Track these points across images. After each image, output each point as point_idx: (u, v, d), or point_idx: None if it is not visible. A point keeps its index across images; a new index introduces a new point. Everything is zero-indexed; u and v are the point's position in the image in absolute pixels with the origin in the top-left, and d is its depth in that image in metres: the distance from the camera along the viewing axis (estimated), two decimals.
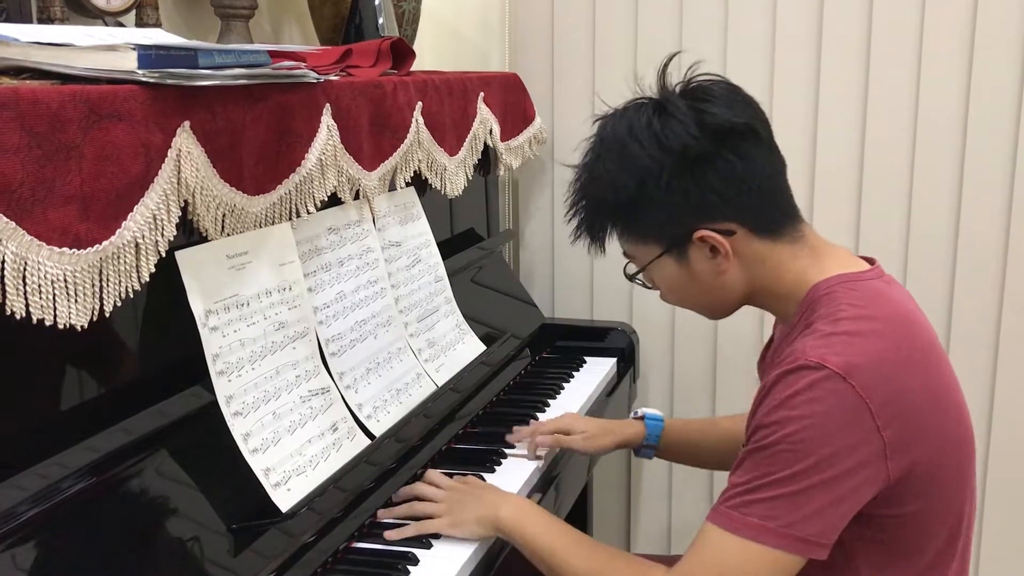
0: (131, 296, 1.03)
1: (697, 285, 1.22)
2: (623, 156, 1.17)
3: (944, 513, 1.14)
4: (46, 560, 0.98)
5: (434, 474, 1.44)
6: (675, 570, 1.12)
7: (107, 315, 1.00)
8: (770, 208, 1.19)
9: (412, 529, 1.32)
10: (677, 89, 1.19)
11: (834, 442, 1.05)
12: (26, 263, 0.89)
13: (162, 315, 1.18)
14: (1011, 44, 1.96)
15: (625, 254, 1.28)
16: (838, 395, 1.05)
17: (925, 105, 2.04)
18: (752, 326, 2.28)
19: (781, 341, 1.23)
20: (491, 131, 2.04)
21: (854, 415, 1.05)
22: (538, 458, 1.58)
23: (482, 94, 2.00)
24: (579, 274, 2.44)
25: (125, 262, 1.01)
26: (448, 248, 1.90)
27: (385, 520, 1.35)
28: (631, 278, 1.28)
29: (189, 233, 1.18)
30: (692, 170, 1.14)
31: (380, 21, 1.88)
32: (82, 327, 0.96)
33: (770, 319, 2.21)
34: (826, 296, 1.15)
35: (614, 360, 2.14)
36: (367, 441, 1.42)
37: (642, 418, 1.64)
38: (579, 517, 2.23)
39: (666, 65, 1.21)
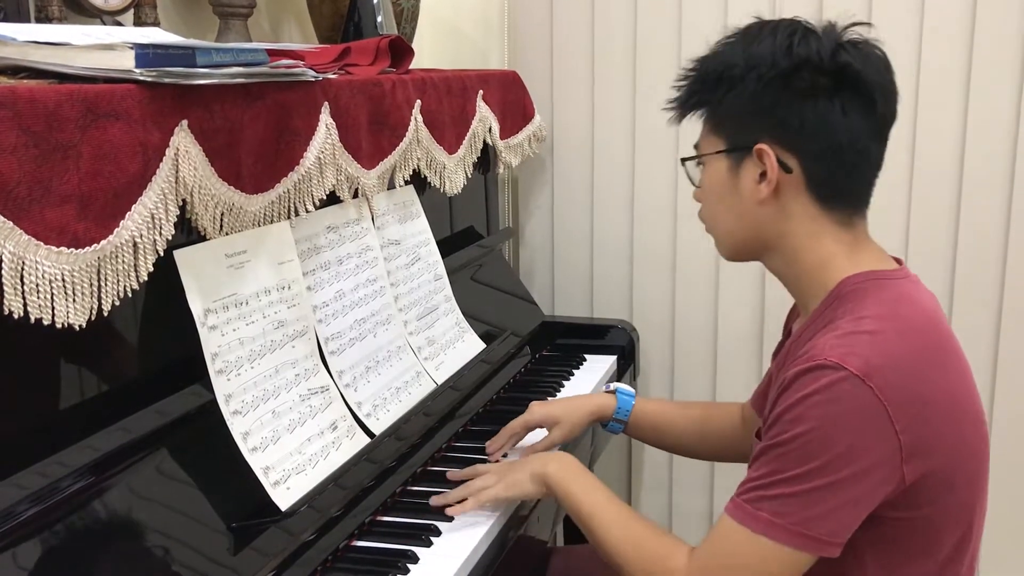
0: (129, 295, 1.03)
1: (732, 201, 1.20)
2: (751, 43, 1.16)
3: (955, 519, 1.14)
4: (45, 559, 0.98)
5: (482, 467, 1.46)
6: (693, 555, 1.15)
7: (105, 314, 1.00)
8: (839, 177, 1.16)
9: (472, 502, 1.35)
10: (839, 32, 1.17)
11: (848, 442, 1.04)
12: (24, 263, 0.89)
13: (161, 314, 1.18)
14: (1011, 43, 1.95)
15: (695, 145, 1.27)
16: (855, 397, 1.04)
17: (924, 104, 2.03)
18: (753, 324, 2.28)
19: (800, 334, 1.21)
20: (490, 129, 2.04)
21: (871, 417, 1.04)
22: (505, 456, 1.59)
23: (481, 92, 2.00)
24: (579, 272, 2.44)
25: (123, 261, 1.02)
26: (448, 246, 1.90)
27: (437, 505, 1.38)
28: (683, 161, 1.28)
29: (187, 232, 1.18)
30: (797, 87, 1.13)
31: (379, 19, 1.88)
32: (80, 326, 0.96)
33: (772, 317, 2.22)
34: (852, 292, 1.14)
35: (614, 358, 2.14)
36: (367, 439, 1.42)
37: (614, 392, 1.64)
38: None
39: (852, 25, 1.19)
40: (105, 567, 1.03)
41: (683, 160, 1.28)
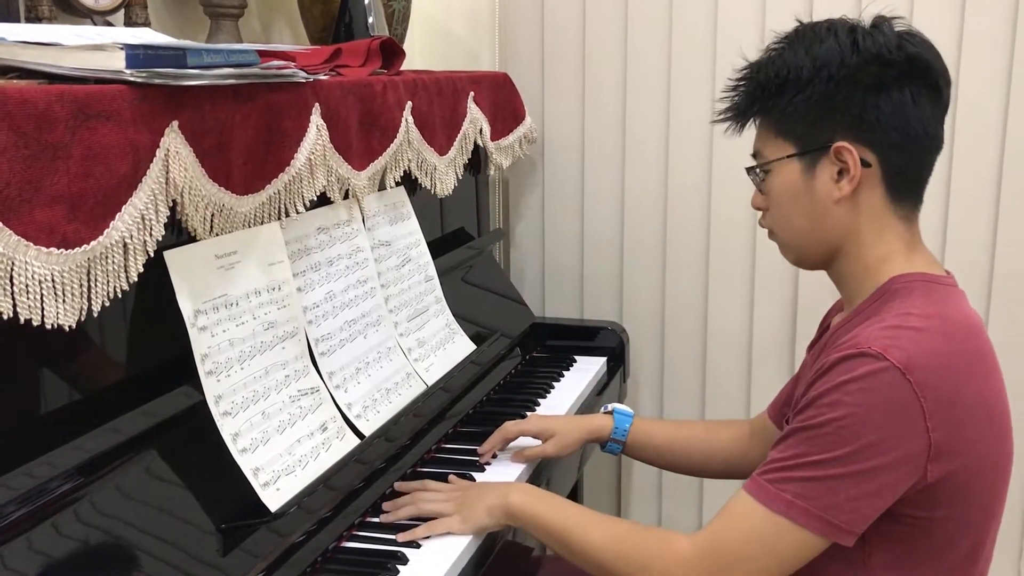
0: (119, 296, 1.03)
1: (806, 203, 1.19)
2: (813, 43, 1.16)
3: (968, 527, 1.14)
4: (34, 560, 0.97)
5: (431, 483, 1.44)
6: (701, 533, 1.14)
7: (95, 315, 1.00)
8: (911, 167, 1.18)
9: (424, 530, 1.32)
10: (892, 24, 1.18)
11: (880, 432, 1.05)
12: (13, 263, 0.89)
13: (151, 315, 1.18)
14: (997, 41, 1.97)
15: (753, 154, 1.25)
16: (893, 388, 1.05)
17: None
18: (743, 325, 2.28)
19: (841, 326, 1.21)
20: (481, 130, 2.04)
21: (905, 410, 1.05)
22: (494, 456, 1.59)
23: (472, 93, 2.00)
24: (569, 273, 2.44)
25: (113, 262, 1.01)
26: (438, 247, 1.90)
27: (387, 521, 1.35)
28: (749, 171, 1.26)
29: (178, 233, 1.18)
30: (868, 82, 1.14)
31: (370, 20, 1.88)
32: (70, 327, 0.96)
33: (762, 319, 2.23)
34: (902, 290, 1.15)
35: (604, 359, 2.14)
36: (357, 440, 1.42)
37: (611, 413, 1.64)
38: None
39: (893, 19, 1.20)
40: (94, 569, 1.03)
41: (748, 169, 1.26)
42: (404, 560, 1.26)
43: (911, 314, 1.11)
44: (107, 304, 1.01)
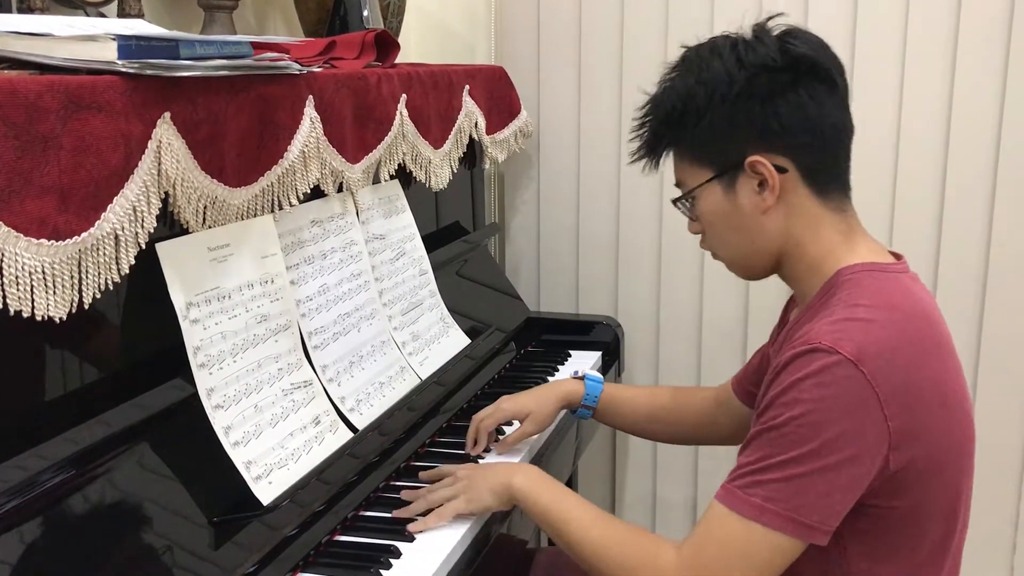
0: (111, 288, 1.02)
1: (737, 220, 1.21)
2: (700, 70, 1.18)
3: (938, 512, 1.15)
4: (25, 553, 0.97)
5: (445, 468, 1.45)
6: (683, 546, 1.14)
7: (86, 307, 0.99)
8: (827, 161, 1.19)
9: (434, 518, 1.33)
10: (771, 30, 1.20)
11: (840, 427, 1.05)
12: (3, 254, 0.89)
13: (142, 307, 1.18)
14: (993, 41, 1.96)
15: (676, 184, 1.27)
16: (848, 381, 1.05)
17: (908, 102, 2.04)
18: (737, 319, 2.28)
19: (796, 321, 1.22)
20: (476, 124, 2.04)
21: (862, 402, 1.06)
22: (487, 451, 1.58)
23: (467, 87, 2.00)
24: (565, 268, 2.44)
25: (104, 254, 1.01)
26: (433, 241, 1.90)
27: (401, 516, 1.36)
28: (675, 202, 1.27)
29: (170, 225, 1.17)
30: (762, 93, 1.15)
31: (365, 13, 1.87)
32: (61, 319, 0.96)
33: (757, 313, 2.23)
34: (849, 281, 1.16)
35: (599, 354, 2.14)
36: (350, 434, 1.42)
37: (582, 378, 1.65)
38: None
39: (771, 18, 1.22)
40: (86, 561, 1.02)
41: (673, 201, 1.27)
42: (397, 553, 1.26)
43: (859, 305, 1.11)
44: (98, 296, 1.01)
